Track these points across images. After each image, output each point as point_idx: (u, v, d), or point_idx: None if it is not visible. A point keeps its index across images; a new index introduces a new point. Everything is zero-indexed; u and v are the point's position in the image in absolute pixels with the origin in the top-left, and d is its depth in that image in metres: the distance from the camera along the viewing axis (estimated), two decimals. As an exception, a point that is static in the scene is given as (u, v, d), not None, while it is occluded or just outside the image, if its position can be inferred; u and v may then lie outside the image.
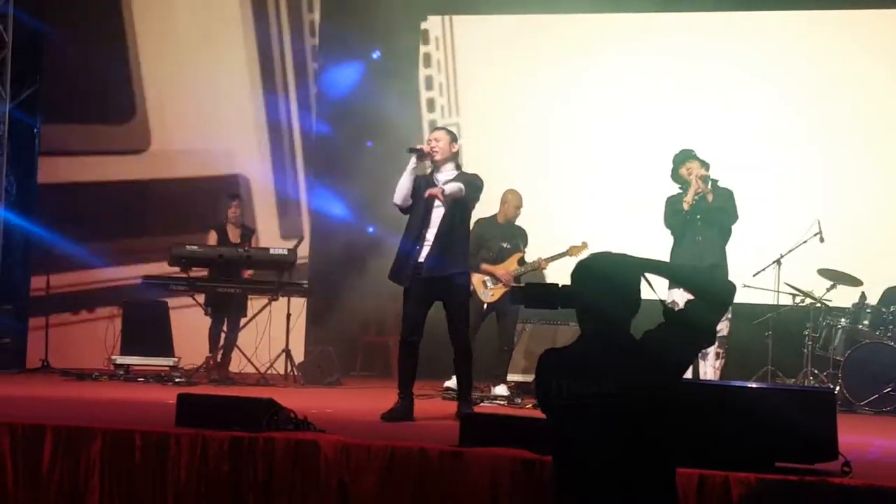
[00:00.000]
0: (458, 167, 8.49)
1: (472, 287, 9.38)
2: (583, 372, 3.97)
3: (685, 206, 9.70)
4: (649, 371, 3.93)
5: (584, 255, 10.95)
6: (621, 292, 4.06)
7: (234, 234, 11.88)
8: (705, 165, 9.85)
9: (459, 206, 8.30)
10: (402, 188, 8.34)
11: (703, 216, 9.71)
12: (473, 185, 8.39)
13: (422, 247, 8.26)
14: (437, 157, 8.36)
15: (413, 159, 8.35)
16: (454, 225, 8.27)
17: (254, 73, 13.25)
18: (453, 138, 8.48)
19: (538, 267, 10.90)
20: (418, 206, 8.32)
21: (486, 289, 10.67)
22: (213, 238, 11.79)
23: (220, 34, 13.47)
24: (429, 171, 8.46)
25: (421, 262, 8.24)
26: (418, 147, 8.40)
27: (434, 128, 8.55)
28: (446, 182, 8.27)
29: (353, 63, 13.64)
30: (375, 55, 13.92)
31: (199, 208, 12.86)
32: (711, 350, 9.61)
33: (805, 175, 12.60)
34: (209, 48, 13.42)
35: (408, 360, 8.32)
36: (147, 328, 11.76)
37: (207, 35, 13.48)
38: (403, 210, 8.43)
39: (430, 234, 8.26)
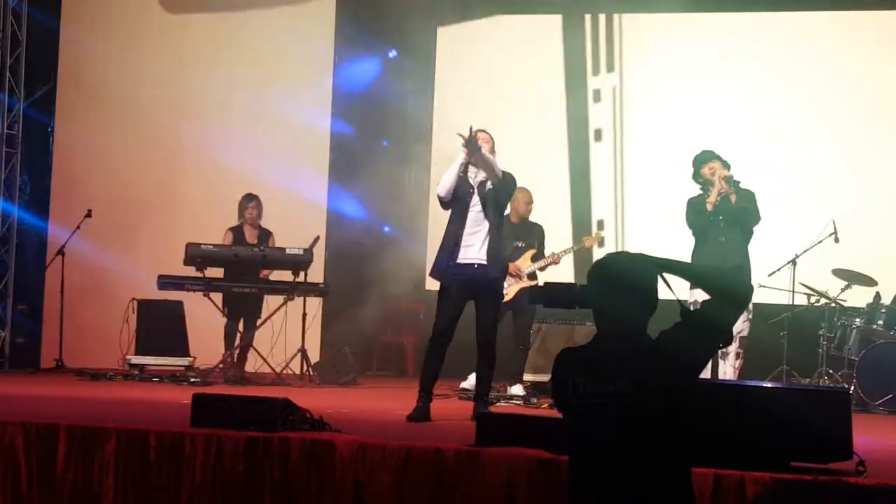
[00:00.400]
0: None
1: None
2: (599, 371, 3.98)
3: (709, 207, 9.66)
4: (665, 371, 3.93)
5: (597, 246, 11.02)
6: (638, 292, 4.06)
7: (251, 235, 11.89)
8: (727, 166, 9.81)
9: (495, 208, 8.34)
10: (449, 180, 8.33)
11: (725, 217, 9.66)
12: (508, 175, 8.45)
13: (459, 247, 8.29)
14: (485, 149, 8.31)
15: (462, 154, 8.30)
16: (491, 226, 8.30)
17: (270, 70, 13.26)
18: (494, 144, 8.50)
19: (552, 262, 10.90)
20: (457, 207, 8.35)
21: None
22: (229, 239, 11.79)
23: (237, 31, 13.49)
24: (465, 172, 8.37)
25: (459, 263, 8.27)
26: (470, 138, 8.28)
27: (480, 129, 8.45)
28: (482, 182, 8.31)
29: (370, 61, 13.65)
30: (392, 54, 13.94)
31: (216, 208, 12.85)
32: (732, 349, 9.59)
33: (820, 175, 12.59)
34: (227, 46, 13.46)
35: (434, 360, 8.31)
36: (162, 328, 11.78)
37: (224, 33, 13.52)
38: (445, 204, 8.43)
39: (467, 235, 8.29)
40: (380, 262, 13.14)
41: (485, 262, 8.26)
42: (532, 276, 10.85)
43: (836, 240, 11.14)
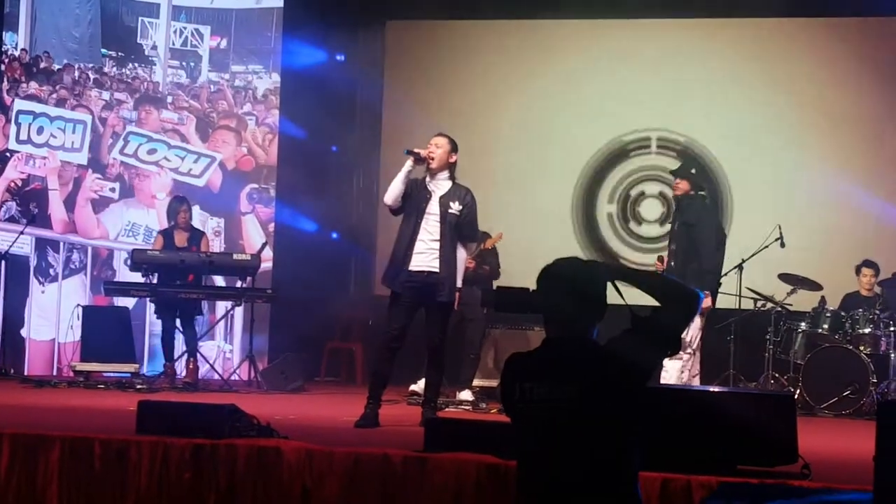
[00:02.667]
0: (453, 178, 8.36)
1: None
2: (546, 376, 3.97)
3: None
4: (613, 376, 3.93)
5: (498, 244, 10.89)
6: (587, 297, 4.06)
7: (180, 239, 11.66)
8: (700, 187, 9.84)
9: (454, 227, 8.24)
10: (395, 189, 8.23)
11: (679, 226, 9.70)
12: (471, 226, 8.36)
13: (412, 254, 8.19)
14: (433, 164, 8.25)
15: (409, 162, 8.23)
16: (445, 235, 8.21)
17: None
18: (454, 148, 8.34)
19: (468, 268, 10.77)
20: (410, 213, 8.25)
21: None
22: (159, 243, 11.65)
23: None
24: (423, 175, 8.32)
25: (411, 270, 8.18)
26: (416, 150, 8.26)
27: (438, 133, 8.43)
28: (445, 198, 8.24)
29: (318, 65, 13.57)
30: (340, 58, 13.87)
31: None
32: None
33: (766, 180, 12.67)
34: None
35: (385, 366, 8.28)
36: (108, 334, 11.68)
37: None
38: (394, 211, 8.36)
39: (421, 242, 8.19)
40: (328, 268, 13.11)
41: (437, 271, 8.18)
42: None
43: (782, 245, 11.23)
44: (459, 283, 8.34)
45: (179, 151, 13.25)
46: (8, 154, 12.93)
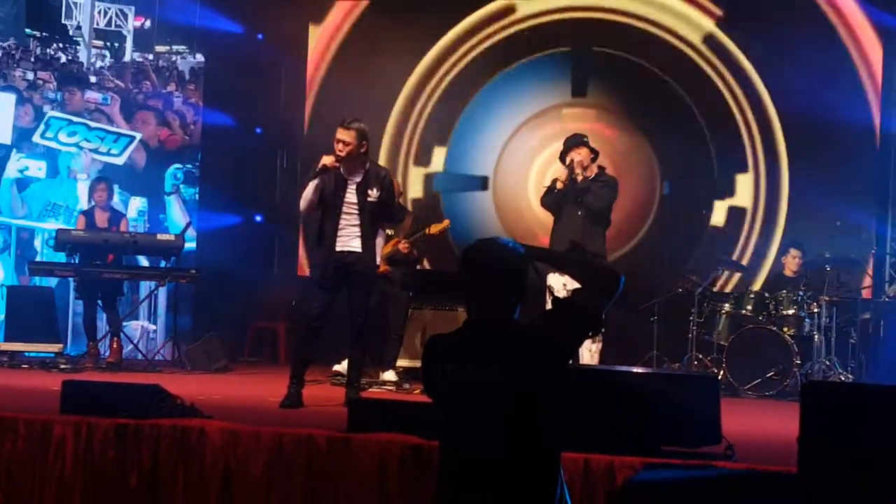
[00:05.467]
0: (365, 163, 8.32)
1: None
2: (467, 357, 3.97)
3: (558, 185, 9.58)
4: (535, 357, 3.93)
5: (442, 232, 10.86)
6: (508, 278, 4.06)
7: (101, 219, 11.56)
8: (595, 151, 9.80)
9: (372, 212, 8.28)
10: (307, 200, 8.28)
11: (571, 197, 9.62)
12: (389, 207, 8.47)
13: (335, 235, 8.21)
14: (346, 164, 8.19)
15: (315, 181, 8.20)
16: (366, 220, 8.25)
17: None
18: (362, 137, 8.23)
19: (401, 251, 10.68)
20: (329, 204, 8.25)
21: None
22: (81, 223, 11.52)
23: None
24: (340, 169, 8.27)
25: (334, 250, 8.21)
26: (321, 166, 8.17)
27: (343, 125, 8.19)
28: (362, 186, 8.24)
29: (241, 45, 13.42)
30: (261, 37, 13.71)
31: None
32: None
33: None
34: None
35: (307, 346, 8.32)
36: (32, 314, 11.54)
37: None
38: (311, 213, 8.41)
39: (341, 228, 8.22)
40: (252, 248, 13.05)
41: (358, 251, 8.23)
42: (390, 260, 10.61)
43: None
44: (378, 261, 8.41)
45: (100, 132, 13.10)
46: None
